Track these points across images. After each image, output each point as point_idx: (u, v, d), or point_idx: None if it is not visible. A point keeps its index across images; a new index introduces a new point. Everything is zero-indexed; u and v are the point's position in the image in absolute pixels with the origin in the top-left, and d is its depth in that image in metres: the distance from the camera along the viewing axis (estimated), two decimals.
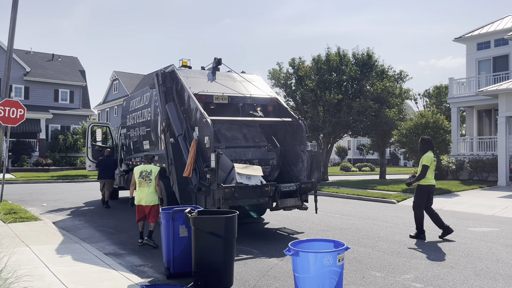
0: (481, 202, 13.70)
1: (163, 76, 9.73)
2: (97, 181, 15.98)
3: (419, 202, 8.42)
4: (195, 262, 5.36)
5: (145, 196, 7.78)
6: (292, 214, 11.05)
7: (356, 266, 6.39)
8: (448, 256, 6.96)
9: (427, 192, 8.41)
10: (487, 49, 23.80)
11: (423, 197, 8.42)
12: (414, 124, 18.19)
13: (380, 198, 15.06)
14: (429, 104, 36.39)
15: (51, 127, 35.92)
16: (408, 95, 26.73)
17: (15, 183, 22.60)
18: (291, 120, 9.54)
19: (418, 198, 8.44)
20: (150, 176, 7.79)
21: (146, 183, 7.80)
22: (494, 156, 19.97)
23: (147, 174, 7.83)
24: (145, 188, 7.80)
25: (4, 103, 12.78)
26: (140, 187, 7.83)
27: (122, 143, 13.77)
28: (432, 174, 8.38)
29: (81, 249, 7.26)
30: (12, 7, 13.34)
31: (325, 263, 4.06)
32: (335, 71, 23.95)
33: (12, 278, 3.80)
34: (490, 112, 22.86)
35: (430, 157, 8.33)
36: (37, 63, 37.71)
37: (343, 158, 52.18)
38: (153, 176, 7.79)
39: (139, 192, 7.85)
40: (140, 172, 7.88)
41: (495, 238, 8.46)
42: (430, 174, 8.34)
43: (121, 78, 46.33)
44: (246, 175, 8.05)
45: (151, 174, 7.80)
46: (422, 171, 8.29)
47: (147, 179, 7.81)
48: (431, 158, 8.31)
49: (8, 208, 11.23)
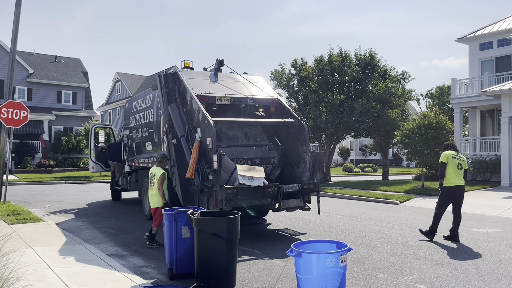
0: (484, 203, 13.66)
1: (166, 77, 9.75)
2: (100, 182, 16.11)
3: (441, 203, 8.16)
4: (198, 263, 5.36)
5: (150, 199, 7.94)
6: (294, 215, 11.05)
7: (359, 267, 6.38)
8: (451, 257, 6.95)
9: (450, 194, 8.01)
10: (490, 50, 23.74)
11: (445, 199, 8.09)
12: (416, 125, 18.15)
13: (383, 199, 15.03)
14: (431, 105, 36.29)
15: (54, 129, 36.02)
16: (410, 95, 26.68)
17: (18, 185, 22.67)
18: (293, 121, 9.54)
19: (440, 199, 8.18)
20: (153, 180, 7.87)
21: (150, 186, 7.93)
22: (497, 157, 19.91)
23: (151, 177, 7.93)
24: (150, 190, 7.97)
25: (7, 104, 12.82)
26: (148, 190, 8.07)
27: (125, 144, 13.80)
28: (456, 173, 7.94)
29: (84, 250, 7.28)
30: (15, 8, 13.40)
31: (327, 264, 4.06)
32: (338, 71, 23.93)
33: (14, 278, 3.81)
34: (493, 112, 22.80)
35: (447, 154, 7.95)
36: (40, 64, 37.83)
37: (346, 159, 52.13)
38: (155, 179, 7.82)
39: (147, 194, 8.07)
40: (149, 174, 8.07)
41: (499, 239, 8.43)
42: (452, 174, 7.93)
43: (123, 80, 46.44)
44: (249, 176, 8.05)
45: (154, 177, 7.87)
46: (440, 169, 7.97)
47: (151, 182, 7.93)
48: (446, 155, 7.94)
49: (12, 209, 11.26)
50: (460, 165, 8.03)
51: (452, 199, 8.13)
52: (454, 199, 8.13)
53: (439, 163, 8.06)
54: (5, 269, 3.87)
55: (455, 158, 8.00)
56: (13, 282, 3.77)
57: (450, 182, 7.98)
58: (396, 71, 25.30)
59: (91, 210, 12.99)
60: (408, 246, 7.75)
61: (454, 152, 8.07)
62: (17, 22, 13.42)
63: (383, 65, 24.70)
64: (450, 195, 8.06)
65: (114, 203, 14.59)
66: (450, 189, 8.01)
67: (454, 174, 7.97)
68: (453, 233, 8.17)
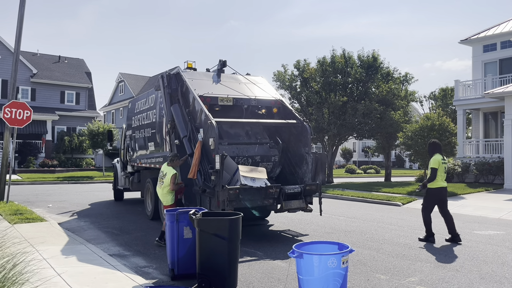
0: (487, 205, 13.62)
1: (168, 78, 9.76)
2: (102, 182, 16.14)
3: (426, 205, 8.39)
4: (200, 263, 5.37)
5: (161, 197, 8.07)
6: (296, 216, 11.04)
7: (361, 268, 6.37)
8: (453, 259, 6.93)
9: (436, 195, 8.29)
10: (493, 51, 23.69)
11: (431, 200, 8.35)
12: (419, 126, 18.12)
13: (385, 200, 15.00)
14: (434, 107, 36.22)
15: (57, 129, 36.13)
16: (413, 97, 26.62)
17: (21, 184, 22.75)
18: (296, 122, 9.54)
19: (426, 201, 8.43)
20: (163, 178, 7.99)
21: (160, 184, 8.06)
22: (500, 159, 19.85)
23: (162, 175, 8.06)
24: (159, 188, 8.10)
25: (11, 104, 12.86)
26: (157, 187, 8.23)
27: (127, 145, 13.82)
28: (442, 177, 8.25)
29: (86, 250, 7.29)
30: (19, 9, 13.45)
31: (329, 265, 4.05)
32: (340, 73, 23.91)
33: (14, 277, 3.83)
34: (497, 114, 22.73)
35: (437, 159, 8.25)
36: (43, 65, 37.96)
37: (348, 160, 52.09)
38: (166, 179, 7.94)
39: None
40: (159, 171, 8.23)
41: (501, 241, 8.41)
42: (439, 176, 8.22)
43: (126, 80, 46.54)
44: (251, 177, 8.05)
45: (165, 176, 7.98)
46: (431, 174, 8.20)
47: (161, 180, 8.05)
48: (438, 160, 8.23)
49: (14, 209, 11.30)
50: (445, 168, 8.39)
51: (437, 201, 8.35)
52: (439, 200, 8.35)
53: (430, 168, 8.28)
54: (6, 269, 3.88)
55: (443, 163, 8.33)
56: (14, 281, 3.78)
57: (436, 184, 8.23)
58: (399, 73, 25.29)
59: (94, 210, 13.02)
60: (410, 248, 7.73)
61: (441, 157, 8.36)
62: (21, 23, 13.47)
63: (386, 66, 24.68)
64: (436, 196, 8.30)
65: (116, 203, 14.62)
66: (436, 190, 8.26)
67: (441, 177, 8.25)
68: (453, 234, 8.23)
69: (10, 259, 4.04)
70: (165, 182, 7.90)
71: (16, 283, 3.80)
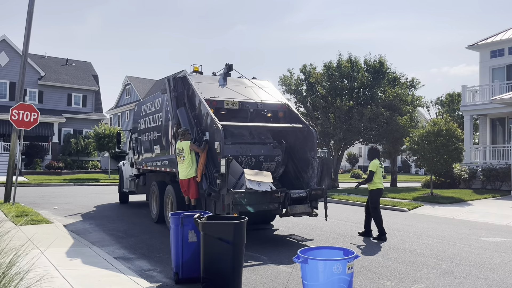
0: (494, 212, 13.49)
1: (175, 81, 9.78)
2: (108, 185, 16.18)
3: (374, 206, 9.23)
4: (204, 267, 5.35)
5: (181, 171, 8.48)
6: (301, 221, 11.00)
7: (366, 274, 6.32)
8: (460, 266, 6.86)
9: (378, 195, 9.31)
10: (501, 57, 23.55)
11: (375, 200, 9.27)
12: (426, 132, 18.01)
13: (391, 206, 14.92)
14: (441, 112, 36.08)
15: (63, 131, 36.36)
16: (420, 102, 26.51)
17: (27, 186, 22.87)
18: (301, 126, 9.52)
19: (373, 202, 9.28)
20: (182, 153, 8.45)
21: (181, 160, 8.50)
22: (507, 165, 19.68)
23: (179, 152, 8.52)
24: (180, 164, 8.54)
25: (18, 106, 12.95)
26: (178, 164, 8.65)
27: (133, 147, 13.85)
28: (380, 179, 9.27)
29: (91, 252, 7.30)
30: (27, 12, 13.58)
31: (334, 271, 4.02)
32: (347, 77, 23.87)
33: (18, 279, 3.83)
34: (504, 120, 22.57)
35: (376, 164, 9.26)
36: (51, 67, 38.26)
37: (354, 165, 51.89)
38: (185, 152, 8.40)
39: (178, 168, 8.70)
40: (176, 150, 8.68)
41: (509, 248, 8.32)
42: (377, 179, 9.22)
43: (133, 83, 46.76)
44: (256, 181, 8.03)
45: (183, 151, 8.43)
46: (369, 175, 9.23)
47: (180, 156, 8.50)
48: (376, 165, 9.24)
49: (20, 210, 11.35)
50: (382, 172, 9.47)
51: (379, 199, 9.37)
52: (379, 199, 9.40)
53: (369, 171, 9.32)
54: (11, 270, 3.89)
55: (381, 167, 9.35)
56: (19, 283, 3.78)
57: (375, 186, 9.27)
58: (405, 78, 25.19)
59: (99, 212, 13.05)
60: (416, 254, 7.67)
61: (379, 162, 9.37)
62: (29, 26, 13.58)
63: (392, 71, 24.60)
64: (378, 195, 9.34)
65: (121, 206, 14.65)
66: (376, 191, 9.30)
67: (379, 179, 9.27)
68: (367, 229, 9.37)
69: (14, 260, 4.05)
70: (185, 153, 8.37)
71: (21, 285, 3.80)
